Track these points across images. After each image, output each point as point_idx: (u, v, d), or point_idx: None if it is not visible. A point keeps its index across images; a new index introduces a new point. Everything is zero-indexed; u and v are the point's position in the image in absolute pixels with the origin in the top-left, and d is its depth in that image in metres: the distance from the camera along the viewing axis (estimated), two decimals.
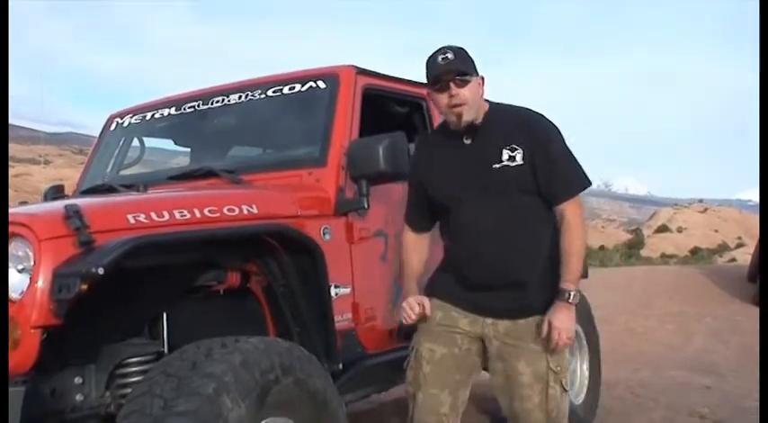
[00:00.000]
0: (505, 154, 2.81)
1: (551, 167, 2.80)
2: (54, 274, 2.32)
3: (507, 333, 2.88)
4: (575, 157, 2.88)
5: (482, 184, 2.84)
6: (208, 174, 3.74)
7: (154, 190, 3.51)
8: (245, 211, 3.05)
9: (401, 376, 3.95)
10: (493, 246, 2.84)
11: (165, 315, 2.98)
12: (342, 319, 3.44)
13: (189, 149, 4.70)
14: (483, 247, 2.84)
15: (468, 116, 2.82)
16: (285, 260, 3.12)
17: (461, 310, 2.94)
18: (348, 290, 3.51)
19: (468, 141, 2.90)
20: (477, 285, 2.89)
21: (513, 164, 2.80)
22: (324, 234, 3.34)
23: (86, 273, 2.26)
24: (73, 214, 2.42)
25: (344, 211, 3.50)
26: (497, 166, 2.81)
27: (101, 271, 2.26)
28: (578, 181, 2.85)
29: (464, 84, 2.80)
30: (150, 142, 4.56)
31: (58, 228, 2.40)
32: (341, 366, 3.29)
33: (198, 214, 2.87)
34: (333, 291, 3.32)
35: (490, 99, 2.98)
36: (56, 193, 4.36)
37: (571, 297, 2.76)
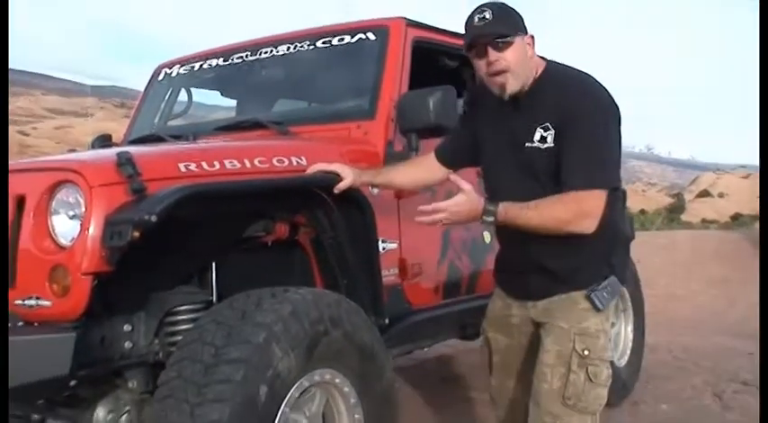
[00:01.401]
0: (538, 133, 2.52)
1: (567, 150, 2.45)
2: (106, 221, 2.32)
3: (544, 311, 2.71)
4: (605, 149, 2.46)
5: (516, 162, 2.61)
6: (255, 125, 3.73)
7: (202, 140, 3.51)
8: (295, 163, 3.04)
9: (445, 332, 4.13)
10: (522, 232, 2.59)
11: (213, 265, 2.98)
12: (388, 274, 3.43)
13: (234, 102, 4.68)
14: (515, 232, 2.61)
15: (513, 86, 2.55)
16: (334, 212, 3.11)
17: (511, 297, 2.86)
18: (395, 245, 3.49)
19: (509, 111, 2.63)
20: (514, 269, 2.79)
21: (544, 146, 2.51)
22: (372, 189, 3.31)
23: (139, 220, 2.25)
24: (125, 161, 2.41)
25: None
26: (528, 145, 2.55)
27: (153, 218, 2.25)
28: (587, 175, 2.43)
29: (505, 46, 2.50)
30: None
31: (111, 175, 2.40)
32: (387, 321, 3.29)
33: (248, 164, 2.85)
34: (380, 245, 3.31)
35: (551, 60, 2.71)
36: (103, 142, 4.37)
37: (489, 207, 2.50)
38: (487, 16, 2.48)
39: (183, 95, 4.54)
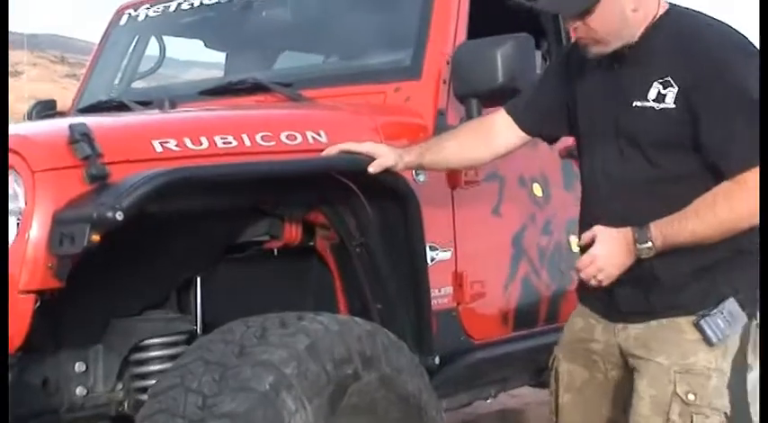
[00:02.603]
0: (654, 89, 2.59)
1: (713, 116, 2.51)
2: (54, 220, 2.31)
3: (637, 340, 2.73)
4: (754, 116, 2.48)
5: (616, 127, 2.69)
6: (254, 88, 3.73)
7: (182, 109, 3.51)
8: (311, 140, 3.04)
9: (515, 377, 4.12)
10: (611, 218, 2.67)
11: (198, 281, 3.00)
12: (439, 295, 3.41)
13: (222, 55, 4.71)
14: (601, 219, 2.69)
15: (607, 50, 2.67)
16: (364, 209, 3.09)
17: (595, 314, 2.87)
18: (449, 254, 3.46)
19: (617, 66, 2.72)
20: None
21: (659, 106, 2.58)
22: (417, 174, 3.27)
23: (99, 218, 2.24)
24: (80, 138, 2.39)
25: None
26: (638, 104, 2.62)
27: (119, 216, 2.24)
28: (749, 149, 2.47)
29: (586, 14, 2.58)
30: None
31: (61, 156, 2.39)
32: (437, 360, 3.26)
33: (247, 142, 2.86)
34: (428, 254, 3.27)
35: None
36: (46, 110, 4.37)
37: (639, 234, 2.55)
38: None
39: (153, 47, 4.55)
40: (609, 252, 2.57)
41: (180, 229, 2.83)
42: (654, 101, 2.57)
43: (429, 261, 3.29)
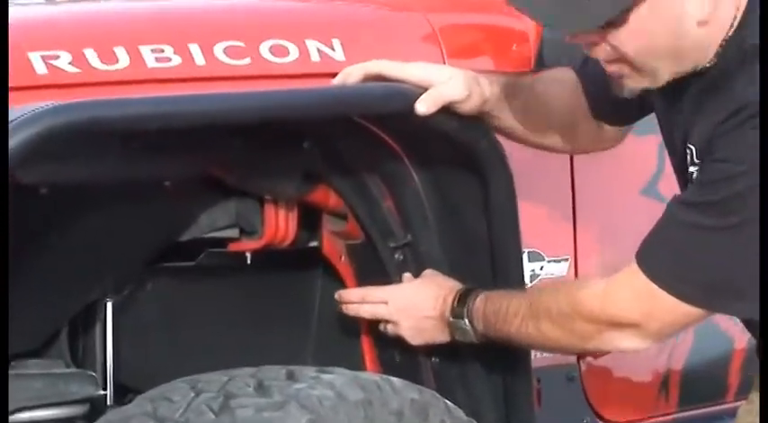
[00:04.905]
0: (688, 155, 2.31)
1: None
2: None
3: None
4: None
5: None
6: None
7: None
8: (314, 56, 2.36)
9: None
10: None
11: (108, 308, 2.32)
12: None
13: None
14: None
15: (643, 82, 2.24)
16: (411, 183, 2.39)
17: None
18: (563, 267, 2.72)
19: (677, 103, 2.35)
20: None
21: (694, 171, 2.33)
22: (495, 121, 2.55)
23: None
24: None
25: None
26: (690, 169, 2.31)
27: None
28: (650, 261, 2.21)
29: (611, 27, 2.14)
30: None
31: None
32: None
33: (199, 58, 2.25)
34: (527, 267, 2.55)
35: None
36: None
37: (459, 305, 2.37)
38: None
39: None
40: (413, 301, 2.40)
41: (75, 217, 2.26)
42: (690, 166, 2.33)
43: (528, 279, 2.56)
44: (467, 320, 2.27)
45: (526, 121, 2.49)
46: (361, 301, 2.35)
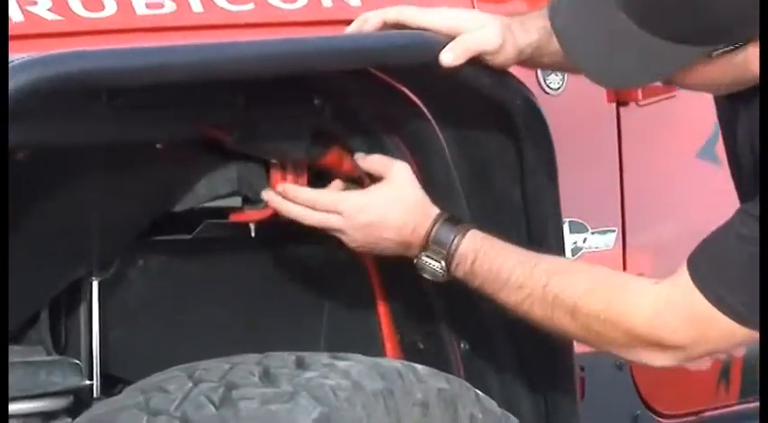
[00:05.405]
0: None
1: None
2: None
3: None
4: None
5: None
6: None
7: None
8: (326, 2, 2.30)
9: None
10: None
11: (94, 287, 2.23)
12: None
13: None
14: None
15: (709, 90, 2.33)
16: (437, 143, 2.28)
17: None
18: (610, 239, 2.64)
19: (740, 105, 2.27)
20: None
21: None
22: (546, 74, 2.50)
23: None
24: None
25: None
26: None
27: None
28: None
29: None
30: None
31: None
32: None
33: (196, 5, 2.17)
34: (568, 240, 2.46)
35: None
36: None
37: (439, 234, 2.24)
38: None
39: None
40: (373, 219, 2.23)
41: (55, 185, 2.16)
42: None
43: (569, 253, 2.48)
44: (443, 263, 2.12)
45: (569, 65, 2.29)
46: (311, 205, 2.15)
